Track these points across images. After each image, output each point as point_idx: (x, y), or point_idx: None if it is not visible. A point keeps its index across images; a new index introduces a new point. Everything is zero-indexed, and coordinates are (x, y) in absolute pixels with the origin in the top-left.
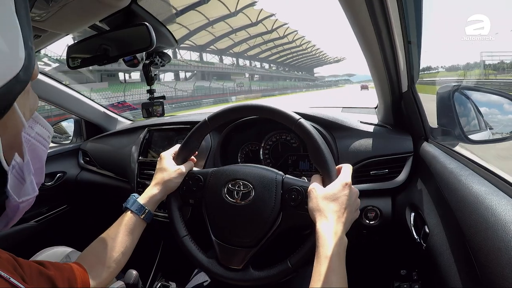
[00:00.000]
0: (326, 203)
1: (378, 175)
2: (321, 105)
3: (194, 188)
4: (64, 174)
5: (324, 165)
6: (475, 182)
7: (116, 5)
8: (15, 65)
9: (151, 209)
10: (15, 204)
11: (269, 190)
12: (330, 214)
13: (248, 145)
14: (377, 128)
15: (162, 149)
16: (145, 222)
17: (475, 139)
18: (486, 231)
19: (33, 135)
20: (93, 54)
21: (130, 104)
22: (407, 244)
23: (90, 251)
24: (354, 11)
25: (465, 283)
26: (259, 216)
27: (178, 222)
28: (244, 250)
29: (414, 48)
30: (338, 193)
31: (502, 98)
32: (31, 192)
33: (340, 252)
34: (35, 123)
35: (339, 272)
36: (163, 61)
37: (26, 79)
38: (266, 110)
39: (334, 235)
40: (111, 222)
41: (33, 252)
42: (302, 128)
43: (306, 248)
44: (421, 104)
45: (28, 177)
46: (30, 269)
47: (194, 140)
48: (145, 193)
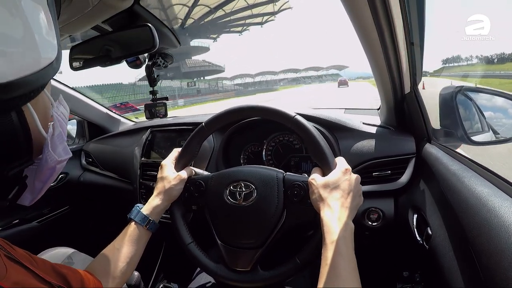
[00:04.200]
0: (328, 191)
1: (381, 176)
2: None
3: (196, 193)
4: (66, 175)
5: (322, 156)
6: (478, 184)
7: (119, 6)
8: (52, 54)
9: (155, 219)
10: (53, 164)
11: (271, 188)
12: (333, 201)
13: (251, 146)
14: (380, 129)
15: (165, 150)
16: (150, 232)
17: (477, 141)
18: (489, 233)
19: (59, 114)
20: (96, 55)
21: (132, 105)
22: (409, 245)
23: (96, 263)
24: (357, 12)
25: (467, 285)
26: (263, 215)
27: (183, 230)
28: (251, 251)
29: (417, 50)
30: (339, 180)
31: (505, 99)
32: (65, 154)
33: (346, 237)
34: (59, 104)
35: (346, 256)
36: (166, 62)
37: (58, 67)
38: (262, 110)
39: (339, 221)
40: (113, 223)
41: (35, 252)
42: (298, 124)
43: (313, 242)
44: (423, 105)
45: (61, 144)
46: (44, 265)
47: (193, 145)
48: (148, 203)
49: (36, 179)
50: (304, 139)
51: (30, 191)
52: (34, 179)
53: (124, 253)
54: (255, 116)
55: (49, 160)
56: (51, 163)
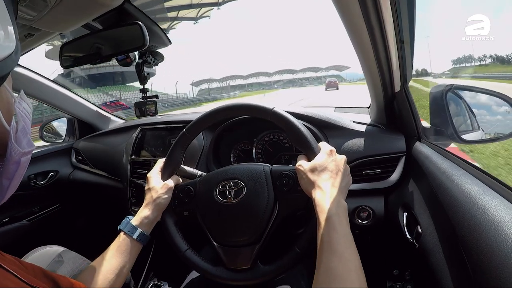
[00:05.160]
0: (316, 174)
1: (371, 175)
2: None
3: (186, 199)
4: (56, 173)
5: (305, 142)
6: (468, 182)
7: (109, 4)
8: (11, 46)
9: (145, 230)
10: (17, 157)
11: (260, 182)
12: (323, 183)
13: (241, 144)
14: (370, 127)
15: (155, 148)
16: (140, 244)
17: (467, 139)
18: (478, 231)
19: (21, 109)
20: (86, 53)
21: (123, 103)
22: (399, 244)
23: (85, 274)
24: (347, 9)
25: (457, 283)
26: (256, 209)
27: (177, 237)
28: (249, 248)
29: (407, 48)
30: (325, 162)
31: (495, 98)
32: (29, 147)
33: (339, 213)
34: (22, 100)
35: (341, 231)
36: (156, 60)
37: (16, 60)
38: (240, 108)
39: (330, 198)
40: (103, 221)
41: (25, 251)
42: (277, 115)
43: (310, 228)
44: (414, 103)
45: (25, 138)
46: (34, 270)
47: (177, 153)
48: (137, 214)
49: (3, 177)
50: (285, 129)
51: None
52: (1, 177)
53: (113, 264)
54: (235, 115)
55: (13, 153)
56: (16, 156)
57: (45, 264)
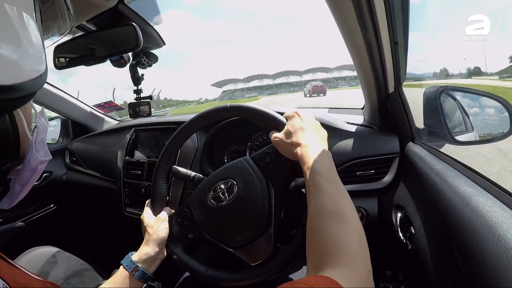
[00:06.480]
0: (291, 137)
1: (364, 175)
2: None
3: (185, 222)
4: (50, 174)
5: (271, 118)
6: (461, 183)
7: (103, 5)
8: (42, 66)
9: (146, 268)
10: (35, 165)
11: (246, 171)
12: (300, 139)
13: (235, 145)
14: (364, 128)
15: (149, 149)
16: (139, 281)
17: (461, 140)
18: (472, 232)
19: (40, 124)
20: (80, 54)
21: (116, 104)
22: (393, 244)
23: None
24: (341, 10)
25: (451, 283)
26: (254, 196)
27: (191, 263)
28: (264, 236)
29: (401, 49)
30: (295, 124)
31: (488, 99)
32: (45, 156)
33: (321, 160)
34: (41, 116)
35: (324, 173)
36: (150, 61)
37: (45, 79)
38: (202, 117)
39: (311, 148)
40: (97, 222)
41: (20, 251)
42: (234, 108)
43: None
44: (407, 104)
45: (42, 148)
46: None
47: (160, 185)
48: (139, 250)
49: (17, 183)
50: (249, 117)
51: (9, 194)
52: (14, 183)
53: None
54: (199, 127)
55: (32, 160)
56: (34, 163)
57: (39, 265)
